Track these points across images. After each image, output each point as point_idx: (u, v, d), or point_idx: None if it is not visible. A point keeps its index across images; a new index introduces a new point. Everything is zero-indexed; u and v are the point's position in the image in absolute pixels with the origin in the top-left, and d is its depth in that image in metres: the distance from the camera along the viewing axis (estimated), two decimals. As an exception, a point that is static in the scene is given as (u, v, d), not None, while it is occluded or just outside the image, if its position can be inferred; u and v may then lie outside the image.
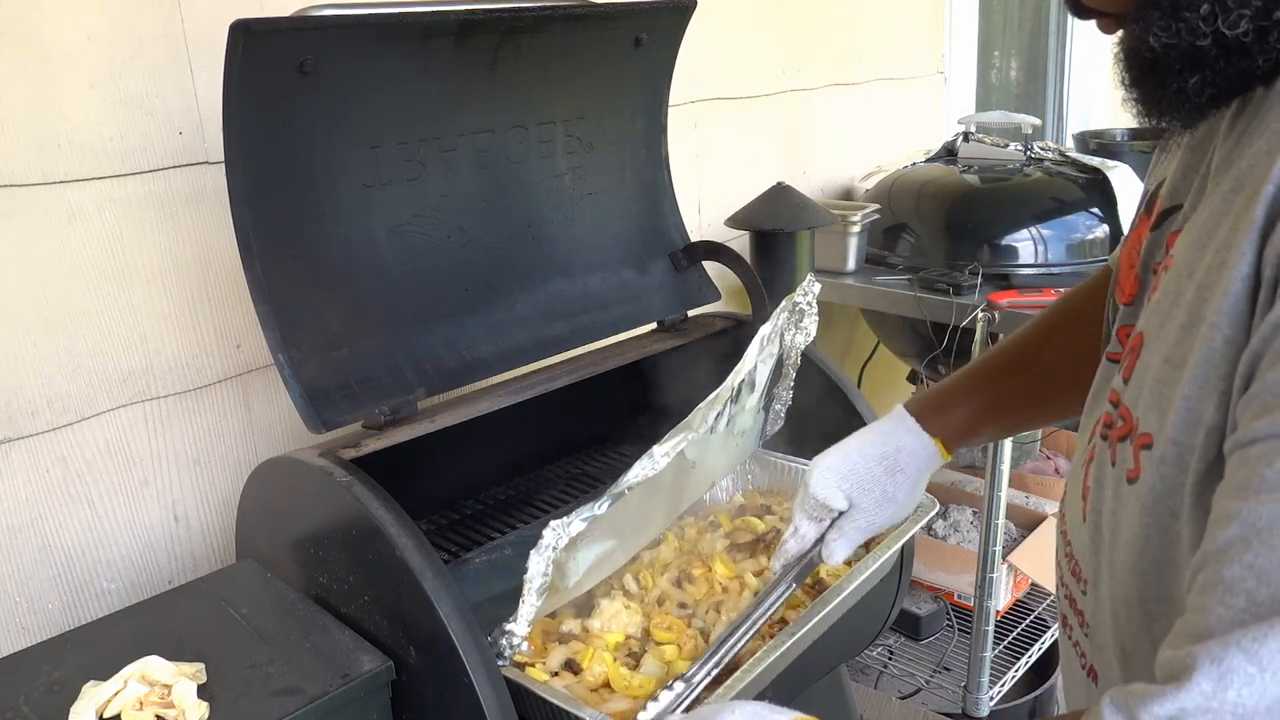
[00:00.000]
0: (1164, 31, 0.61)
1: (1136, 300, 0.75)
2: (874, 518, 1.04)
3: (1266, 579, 0.52)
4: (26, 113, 1.19)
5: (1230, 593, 0.53)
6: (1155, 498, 0.63)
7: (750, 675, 1.00)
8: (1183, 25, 0.60)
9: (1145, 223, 0.77)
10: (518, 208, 1.40)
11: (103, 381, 1.30)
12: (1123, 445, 0.67)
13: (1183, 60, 0.61)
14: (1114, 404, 0.70)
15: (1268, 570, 0.52)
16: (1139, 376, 0.67)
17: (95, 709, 0.96)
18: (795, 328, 1.26)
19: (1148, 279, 0.74)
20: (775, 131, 2.31)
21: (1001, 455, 1.96)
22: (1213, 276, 0.60)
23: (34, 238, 1.22)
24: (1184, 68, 0.62)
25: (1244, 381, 0.57)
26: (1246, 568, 0.52)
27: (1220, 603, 0.53)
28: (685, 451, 1.05)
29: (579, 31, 1.36)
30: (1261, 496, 0.53)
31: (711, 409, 1.08)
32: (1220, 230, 0.61)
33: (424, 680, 1.02)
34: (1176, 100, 0.63)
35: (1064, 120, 3.72)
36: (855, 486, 1.02)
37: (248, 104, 1.05)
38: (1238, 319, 0.58)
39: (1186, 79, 0.62)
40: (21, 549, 1.27)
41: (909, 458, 1.02)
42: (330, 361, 1.17)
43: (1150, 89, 0.65)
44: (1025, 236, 2.07)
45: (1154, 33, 0.61)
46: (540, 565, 0.94)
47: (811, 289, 1.24)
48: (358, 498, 1.03)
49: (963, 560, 2.26)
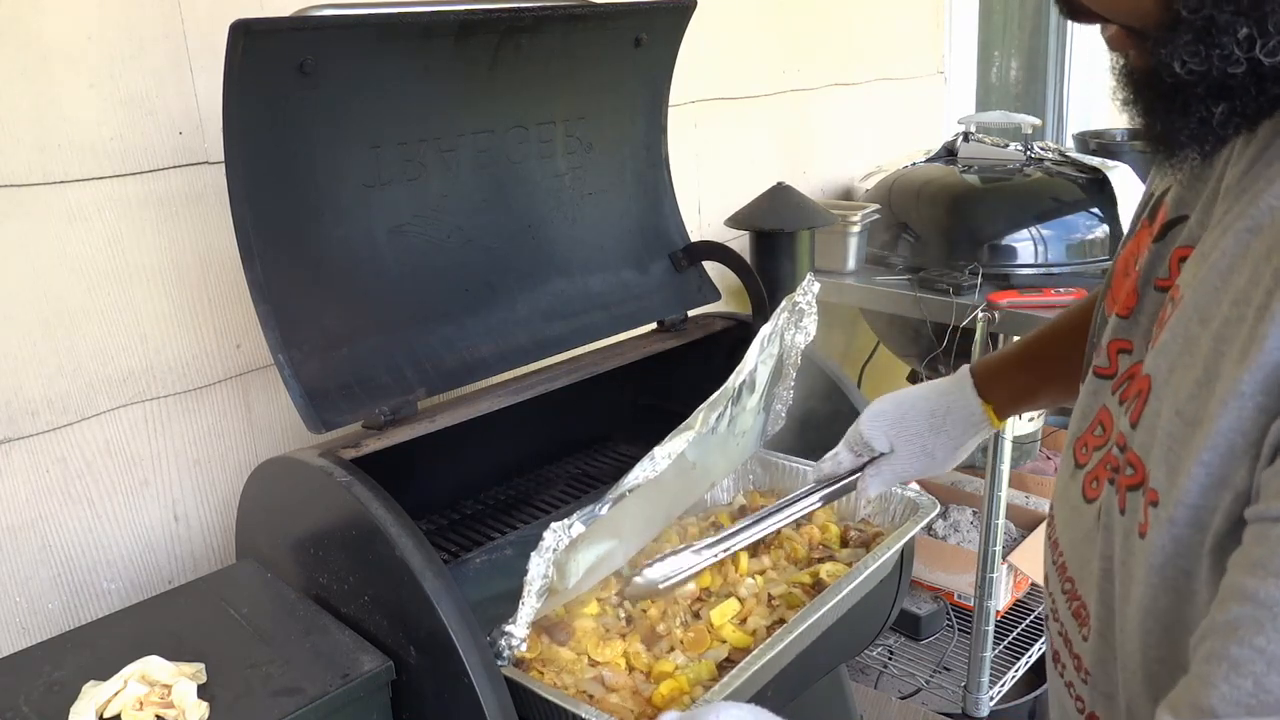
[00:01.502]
0: (1193, 57, 0.54)
1: (1133, 315, 0.70)
2: (910, 466, 1.09)
3: (1277, 666, 0.49)
4: (26, 113, 1.19)
5: (1237, 672, 0.50)
6: (1165, 557, 0.60)
7: (748, 671, 1.00)
8: (1216, 51, 0.53)
9: (1147, 231, 0.72)
10: (518, 208, 1.40)
11: (103, 381, 1.30)
12: (1133, 495, 0.63)
13: (1210, 89, 0.55)
14: (1120, 447, 0.66)
15: (1278, 657, 0.50)
16: (1148, 424, 0.62)
17: (95, 709, 0.96)
18: (795, 327, 1.26)
19: (1147, 293, 0.69)
20: (775, 131, 2.31)
21: (1001, 455, 1.96)
22: (1233, 332, 0.56)
23: (34, 238, 1.22)
24: (1210, 97, 0.55)
25: (1271, 450, 0.53)
26: (1257, 651, 0.50)
27: (1225, 680, 0.51)
28: (686, 452, 1.06)
29: (579, 31, 1.36)
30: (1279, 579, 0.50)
31: (713, 410, 1.09)
32: (1237, 278, 0.56)
33: (424, 680, 1.02)
34: (1198, 131, 0.57)
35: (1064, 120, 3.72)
36: (900, 435, 1.08)
37: (248, 104, 1.06)
38: (1273, 387, 0.53)
39: (1213, 109, 0.55)
40: (21, 549, 1.27)
41: (956, 420, 1.06)
42: (330, 361, 1.17)
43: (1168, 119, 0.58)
44: (1025, 236, 2.07)
45: (1180, 57, 0.54)
46: (540, 567, 0.95)
47: (811, 289, 1.24)
48: (358, 498, 1.03)
49: (963, 560, 2.26)
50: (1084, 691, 0.72)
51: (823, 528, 1.29)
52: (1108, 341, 0.73)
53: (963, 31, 2.87)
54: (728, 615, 1.14)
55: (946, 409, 1.06)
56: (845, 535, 1.30)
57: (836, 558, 1.25)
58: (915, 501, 1.29)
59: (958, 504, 2.43)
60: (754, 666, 1.00)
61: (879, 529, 1.30)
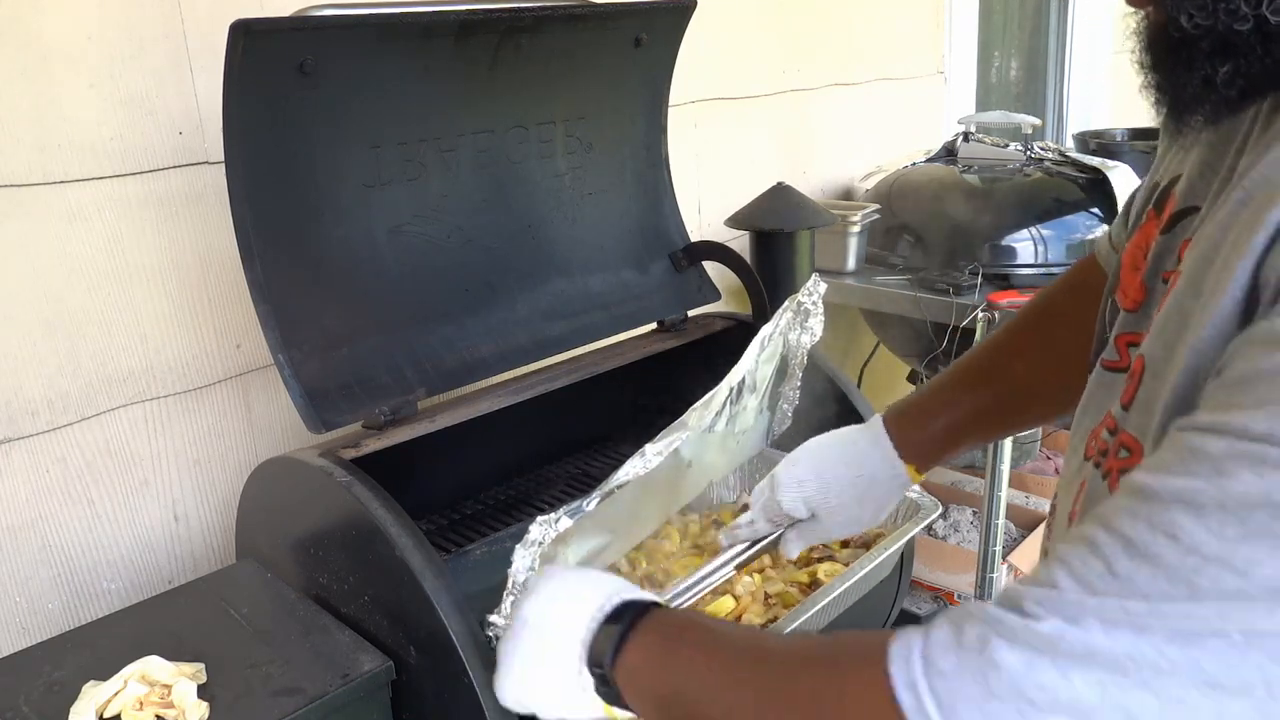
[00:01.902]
0: (1200, 11, 0.54)
1: (1142, 309, 0.69)
2: (835, 532, 1.05)
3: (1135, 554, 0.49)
4: (26, 113, 1.19)
5: (1094, 554, 0.50)
6: None
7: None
8: (1222, 5, 0.54)
9: (1154, 222, 0.70)
10: (518, 208, 1.40)
11: (103, 381, 1.30)
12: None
13: (1215, 45, 0.55)
14: (1111, 430, 0.66)
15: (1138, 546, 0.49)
16: (1143, 405, 0.62)
17: (95, 709, 0.96)
18: (800, 328, 1.26)
19: (1155, 286, 0.68)
20: (775, 131, 2.31)
21: (1001, 455, 1.96)
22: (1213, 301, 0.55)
23: (34, 238, 1.22)
24: (1216, 54, 0.55)
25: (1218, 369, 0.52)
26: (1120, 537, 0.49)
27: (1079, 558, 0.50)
28: (680, 450, 1.06)
29: (579, 31, 1.36)
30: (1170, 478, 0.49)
31: (708, 409, 1.08)
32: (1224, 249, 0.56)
33: (424, 680, 1.02)
34: (1203, 90, 0.57)
35: (1064, 120, 3.71)
36: (822, 504, 1.03)
37: (248, 104, 1.06)
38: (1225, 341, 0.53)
39: (1217, 67, 0.56)
40: (21, 549, 1.27)
41: (879, 486, 1.02)
42: (330, 361, 1.17)
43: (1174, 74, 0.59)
44: (1025, 236, 2.07)
45: (1188, 10, 0.55)
46: (525, 560, 0.94)
47: (817, 289, 1.24)
48: (358, 498, 1.03)
49: (963, 560, 2.26)
50: None
51: (824, 528, 1.29)
52: (1116, 335, 0.72)
53: (963, 31, 2.87)
54: (722, 613, 1.14)
55: (871, 478, 1.01)
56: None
57: (836, 558, 1.25)
58: (917, 503, 1.29)
59: (958, 504, 2.43)
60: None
61: (880, 530, 1.30)
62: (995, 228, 2.09)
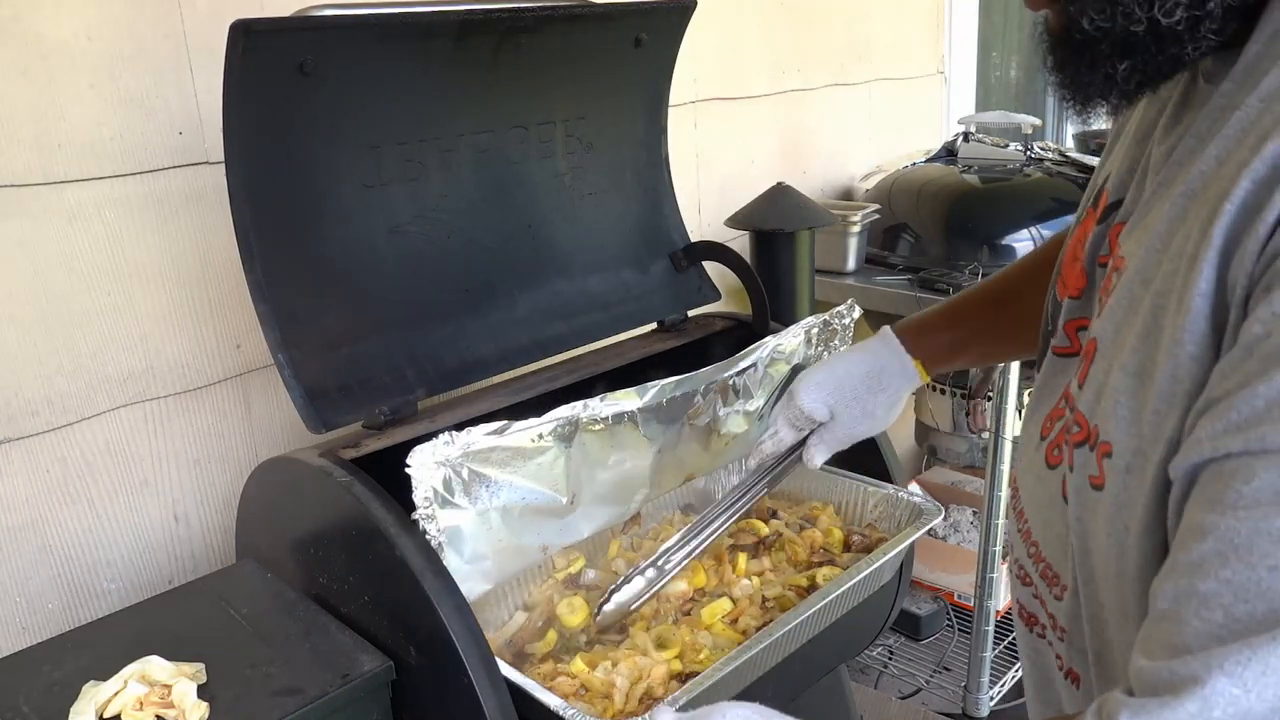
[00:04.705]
0: (1099, 15, 0.60)
1: (1085, 295, 0.75)
2: (853, 429, 1.12)
3: (1244, 595, 0.51)
4: (26, 112, 1.19)
5: (1206, 606, 0.52)
6: (1117, 507, 0.63)
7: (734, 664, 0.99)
8: (1119, 9, 0.59)
9: (1091, 216, 0.76)
10: (518, 208, 1.40)
11: (103, 381, 1.30)
12: (1080, 451, 0.67)
13: (1114, 46, 0.60)
14: (1069, 407, 0.70)
15: (1245, 587, 0.51)
16: (1093, 383, 0.66)
17: (95, 709, 0.96)
18: (824, 345, 1.27)
19: (1094, 273, 0.74)
20: (775, 131, 2.31)
21: (1001, 455, 1.96)
22: (1168, 285, 0.60)
23: (34, 238, 1.22)
24: (1114, 53, 0.61)
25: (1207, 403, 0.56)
26: (1224, 583, 0.52)
27: (1196, 615, 0.53)
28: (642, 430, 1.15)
29: (579, 31, 1.36)
30: (1239, 513, 0.52)
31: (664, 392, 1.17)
32: (1176, 239, 0.60)
33: (424, 680, 1.02)
34: (1105, 86, 0.63)
35: (1064, 120, 3.72)
36: (839, 401, 1.10)
37: (248, 104, 1.05)
38: (1201, 337, 0.57)
39: (1116, 65, 0.61)
40: (21, 549, 1.27)
41: (891, 378, 1.09)
42: (330, 361, 1.17)
43: (1077, 73, 0.64)
44: (1025, 236, 2.07)
45: (1088, 15, 0.60)
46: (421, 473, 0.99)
47: (851, 313, 1.27)
48: (358, 498, 1.03)
49: (963, 560, 2.26)
50: (1062, 650, 0.75)
51: (826, 532, 1.29)
52: (1064, 323, 0.78)
53: (963, 31, 2.88)
54: (718, 614, 1.14)
55: (881, 369, 1.09)
56: (848, 540, 1.29)
57: (836, 562, 1.24)
58: (920, 507, 1.29)
59: (958, 504, 2.43)
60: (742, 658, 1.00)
61: (883, 534, 1.30)
62: (995, 228, 2.10)
